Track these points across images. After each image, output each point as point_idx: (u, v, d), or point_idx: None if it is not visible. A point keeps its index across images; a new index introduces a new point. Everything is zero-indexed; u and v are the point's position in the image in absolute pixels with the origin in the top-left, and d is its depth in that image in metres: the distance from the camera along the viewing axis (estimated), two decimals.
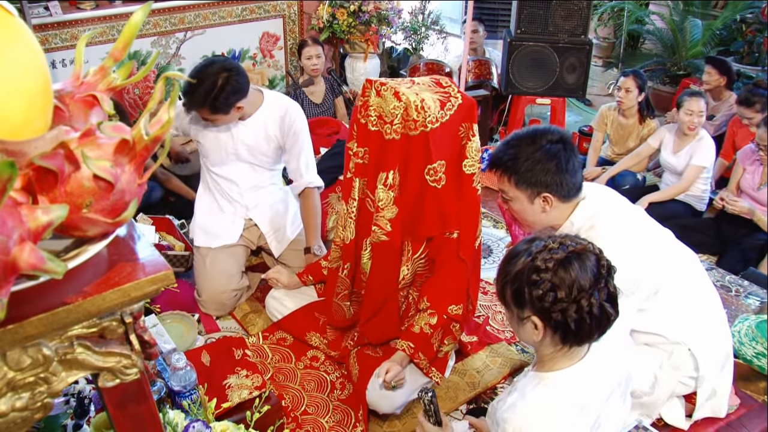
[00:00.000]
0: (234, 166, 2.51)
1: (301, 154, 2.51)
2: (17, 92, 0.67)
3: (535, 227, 1.82)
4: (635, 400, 1.79)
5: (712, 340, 1.81)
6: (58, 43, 3.33)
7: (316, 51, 3.74)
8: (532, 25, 3.54)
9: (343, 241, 2.05)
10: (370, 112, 1.83)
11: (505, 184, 1.77)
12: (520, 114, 3.88)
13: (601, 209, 1.74)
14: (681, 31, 5.29)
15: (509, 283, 1.28)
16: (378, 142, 1.85)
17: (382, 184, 1.85)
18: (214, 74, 2.21)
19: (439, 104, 1.80)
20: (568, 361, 1.30)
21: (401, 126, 1.79)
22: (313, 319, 2.34)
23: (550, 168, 1.68)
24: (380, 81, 1.82)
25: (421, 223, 1.93)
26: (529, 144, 1.71)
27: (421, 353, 1.99)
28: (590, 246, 1.25)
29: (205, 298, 2.52)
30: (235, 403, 1.81)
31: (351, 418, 2.05)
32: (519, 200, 1.76)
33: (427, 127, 1.76)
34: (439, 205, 1.89)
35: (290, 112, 2.46)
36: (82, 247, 0.74)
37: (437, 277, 2.01)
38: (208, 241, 2.57)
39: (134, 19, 0.78)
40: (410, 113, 1.76)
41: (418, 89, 1.81)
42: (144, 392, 0.84)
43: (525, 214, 1.78)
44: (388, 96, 1.78)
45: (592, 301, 1.20)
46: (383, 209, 1.88)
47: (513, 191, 1.75)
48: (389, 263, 1.98)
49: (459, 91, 1.87)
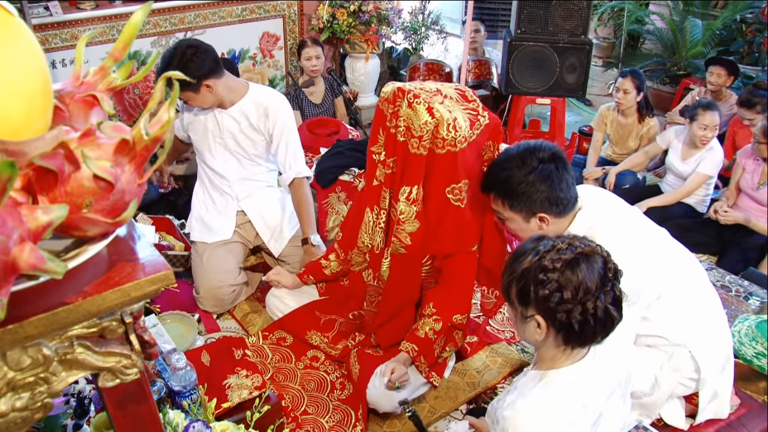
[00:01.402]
0: (221, 158, 2.55)
1: (288, 145, 2.53)
2: (17, 92, 0.67)
3: None
4: (635, 400, 1.79)
5: (713, 341, 1.80)
6: (58, 43, 3.33)
7: (315, 52, 3.74)
8: (532, 25, 3.54)
9: (370, 249, 2.03)
10: (400, 122, 1.79)
11: (499, 206, 1.77)
12: (520, 114, 3.88)
13: (599, 218, 1.74)
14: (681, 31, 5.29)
15: (515, 281, 1.28)
16: (403, 153, 1.82)
17: (405, 198, 1.83)
18: (181, 49, 2.28)
19: (470, 123, 1.77)
20: (568, 361, 1.30)
21: (429, 142, 1.75)
22: (314, 318, 2.34)
23: (543, 189, 1.67)
24: (413, 92, 1.76)
25: (440, 241, 1.92)
26: (521, 167, 1.69)
27: (423, 357, 1.99)
28: (598, 248, 1.25)
29: (203, 294, 2.52)
30: (235, 403, 1.81)
31: (351, 418, 2.05)
32: (515, 221, 1.76)
33: (456, 147, 1.74)
34: (461, 223, 1.88)
35: (273, 103, 2.48)
36: (82, 247, 0.74)
37: (445, 285, 2.01)
38: (204, 235, 2.59)
39: (134, 19, 0.78)
40: (440, 131, 1.72)
41: (450, 105, 1.77)
42: (144, 392, 0.84)
43: (522, 232, 1.78)
44: (420, 110, 1.73)
45: (597, 303, 1.20)
46: (404, 222, 1.86)
47: (508, 212, 1.75)
48: (407, 274, 1.98)
49: (485, 109, 1.84)
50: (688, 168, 3.30)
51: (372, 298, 2.12)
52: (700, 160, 3.25)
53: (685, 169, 3.32)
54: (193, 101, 2.38)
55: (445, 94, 1.82)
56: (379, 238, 1.98)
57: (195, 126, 2.53)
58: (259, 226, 2.65)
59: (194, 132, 2.54)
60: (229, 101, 2.45)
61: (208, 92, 2.35)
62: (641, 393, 1.79)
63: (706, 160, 3.23)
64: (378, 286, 2.07)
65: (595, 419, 1.29)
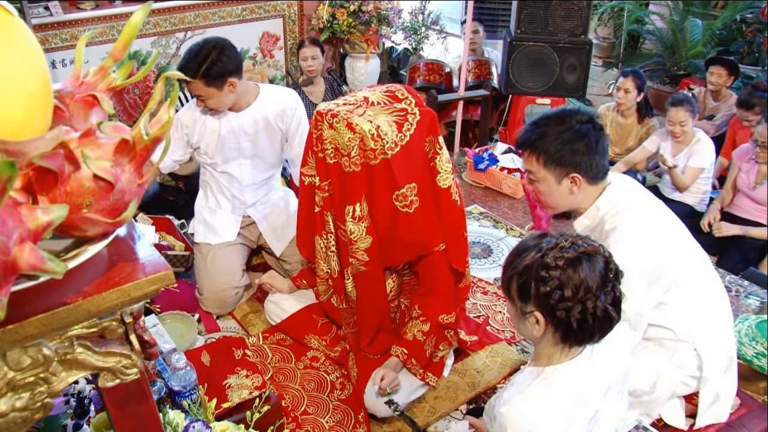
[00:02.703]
0: (236, 163, 2.52)
1: (303, 139, 2.52)
2: (17, 92, 0.67)
3: (559, 209, 1.80)
4: (635, 399, 1.79)
5: (718, 340, 1.80)
6: (58, 43, 3.33)
7: (312, 52, 3.74)
8: (532, 25, 3.54)
9: (329, 274, 2.03)
10: (326, 145, 1.78)
11: (532, 164, 1.72)
12: (520, 114, 3.88)
13: (628, 196, 1.73)
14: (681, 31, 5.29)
15: (516, 276, 1.28)
16: (338, 174, 1.80)
17: (350, 217, 1.81)
18: (208, 47, 2.26)
19: (396, 127, 1.73)
20: (565, 358, 1.30)
21: (360, 157, 1.73)
22: (312, 322, 2.34)
23: (579, 148, 1.65)
24: (331, 112, 1.74)
25: (398, 250, 1.88)
26: (559, 123, 1.67)
27: (414, 359, 1.99)
28: (601, 249, 1.26)
29: (207, 296, 2.52)
30: (235, 403, 1.81)
31: (351, 418, 2.05)
32: (546, 181, 1.71)
33: (387, 154, 1.70)
34: (415, 229, 1.84)
35: (290, 100, 2.50)
36: (82, 247, 0.74)
37: (426, 288, 2.00)
38: (208, 237, 2.58)
39: (134, 19, 0.78)
40: (367, 143, 1.69)
41: (371, 114, 1.74)
42: (144, 392, 0.84)
43: (551, 195, 1.74)
44: (341, 128, 1.72)
45: (597, 303, 1.20)
46: (357, 241, 1.84)
47: (541, 171, 1.71)
48: (374, 289, 1.97)
49: (417, 104, 1.80)
50: (680, 164, 3.31)
51: (348, 319, 2.12)
52: (690, 153, 3.26)
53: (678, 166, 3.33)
54: (214, 99, 2.33)
55: (372, 101, 1.79)
56: (334, 262, 1.97)
57: (205, 138, 2.48)
58: (263, 227, 2.65)
59: (205, 143, 2.49)
60: (245, 103, 2.43)
61: (230, 91, 2.33)
62: (641, 391, 1.79)
63: (696, 153, 3.24)
64: (349, 308, 2.07)
65: (591, 415, 1.30)
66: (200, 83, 2.26)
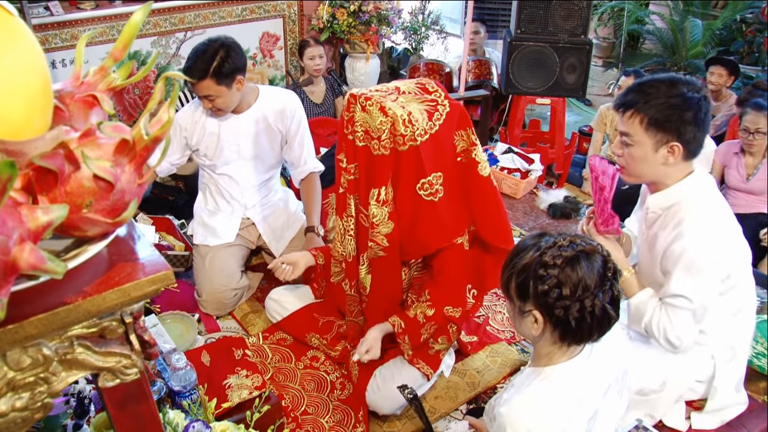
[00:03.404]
0: (236, 165, 2.52)
1: (302, 141, 2.56)
2: (17, 92, 0.67)
3: (642, 180, 1.74)
4: (642, 397, 1.78)
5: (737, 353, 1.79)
6: (58, 43, 3.33)
7: (318, 51, 3.75)
8: (532, 25, 3.54)
9: (344, 257, 2.03)
10: (357, 127, 1.79)
11: (633, 126, 1.64)
12: (520, 114, 3.87)
13: (708, 189, 1.69)
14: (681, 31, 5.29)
15: (515, 275, 1.29)
16: (366, 157, 1.81)
17: (374, 200, 1.82)
18: (215, 45, 2.25)
19: (427, 115, 1.75)
20: (564, 357, 1.31)
21: (390, 141, 1.74)
22: (312, 320, 2.34)
23: (687, 117, 1.57)
24: (365, 95, 1.76)
25: (418, 239, 1.89)
26: (669, 87, 1.60)
27: (407, 336, 1.96)
28: (599, 248, 1.26)
29: (205, 297, 2.52)
30: (235, 403, 1.81)
31: (351, 418, 2.05)
32: (642, 146, 1.64)
33: (416, 141, 1.72)
34: (436, 218, 1.84)
35: (290, 102, 2.50)
36: (82, 247, 0.74)
37: (438, 279, 1.99)
38: (207, 238, 2.58)
39: (134, 19, 0.78)
40: (398, 128, 1.71)
41: (404, 101, 1.76)
42: (144, 392, 0.84)
43: (642, 162, 1.67)
44: (374, 111, 1.74)
45: (595, 301, 1.20)
46: (378, 225, 1.84)
47: (640, 135, 1.63)
48: (389, 278, 1.97)
49: (446, 98, 1.82)
50: None
51: (351, 308, 2.12)
52: None
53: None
54: (223, 98, 2.32)
55: (403, 90, 1.81)
56: (350, 246, 1.97)
57: (205, 140, 2.47)
58: (263, 229, 2.65)
59: (204, 145, 2.48)
60: (246, 104, 2.44)
61: (238, 90, 2.33)
62: (649, 389, 1.78)
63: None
64: (355, 296, 2.06)
65: (591, 415, 1.30)
66: (211, 82, 2.25)
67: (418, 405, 1.82)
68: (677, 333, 1.66)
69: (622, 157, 1.72)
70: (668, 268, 1.66)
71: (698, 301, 1.62)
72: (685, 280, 1.62)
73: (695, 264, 1.60)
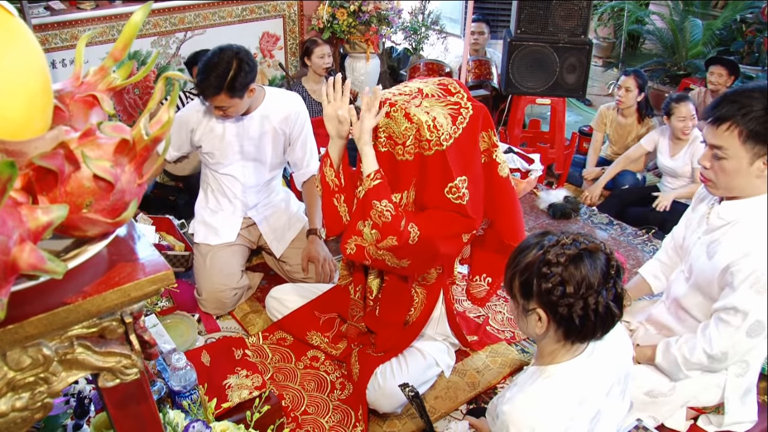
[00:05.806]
0: (238, 165, 2.52)
1: (306, 144, 2.56)
2: (17, 92, 0.67)
3: (729, 193, 1.66)
4: (650, 399, 1.77)
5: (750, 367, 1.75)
6: (58, 43, 3.33)
7: (327, 50, 3.78)
8: (532, 25, 3.54)
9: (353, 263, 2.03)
10: (380, 133, 1.79)
11: (728, 139, 1.56)
12: (520, 114, 3.87)
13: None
14: (681, 31, 5.29)
15: (518, 274, 1.29)
16: (390, 162, 1.80)
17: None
18: (227, 58, 2.23)
19: (451, 119, 1.75)
20: (567, 356, 1.31)
21: (414, 147, 1.74)
22: (313, 318, 2.34)
23: None
24: (389, 101, 1.75)
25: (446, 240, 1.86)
26: (767, 97, 1.52)
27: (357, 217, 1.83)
28: (602, 245, 1.26)
29: (205, 296, 2.52)
30: (235, 403, 1.81)
31: (351, 418, 2.05)
32: (737, 159, 1.57)
33: (442, 146, 1.72)
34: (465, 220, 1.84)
35: (295, 104, 2.51)
36: (82, 247, 0.74)
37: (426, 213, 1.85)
38: (208, 237, 2.58)
39: (134, 19, 0.78)
40: (423, 134, 1.71)
41: (428, 105, 1.76)
42: (144, 392, 0.84)
43: (735, 176, 1.59)
44: (398, 117, 1.73)
45: (599, 299, 1.20)
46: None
47: (735, 148, 1.56)
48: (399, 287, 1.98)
49: (469, 99, 1.82)
50: (679, 164, 3.32)
51: (353, 312, 2.12)
52: (692, 153, 3.26)
53: (677, 165, 3.33)
54: (234, 108, 2.32)
55: (426, 93, 1.80)
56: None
57: (209, 139, 2.47)
58: (264, 229, 2.65)
59: (208, 144, 2.49)
60: (252, 106, 2.44)
61: (249, 97, 2.34)
62: (658, 392, 1.78)
63: (698, 152, 3.23)
64: (359, 301, 2.07)
65: (593, 415, 1.30)
66: (224, 96, 2.25)
67: (419, 403, 1.82)
68: (722, 347, 1.63)
69: (709, 170, 1.65)
70: (731, 281, 1.61)
71: (755, 317, 1.58)
72: (750, 297, 1.58)
73: (762, 282, 1.56)
